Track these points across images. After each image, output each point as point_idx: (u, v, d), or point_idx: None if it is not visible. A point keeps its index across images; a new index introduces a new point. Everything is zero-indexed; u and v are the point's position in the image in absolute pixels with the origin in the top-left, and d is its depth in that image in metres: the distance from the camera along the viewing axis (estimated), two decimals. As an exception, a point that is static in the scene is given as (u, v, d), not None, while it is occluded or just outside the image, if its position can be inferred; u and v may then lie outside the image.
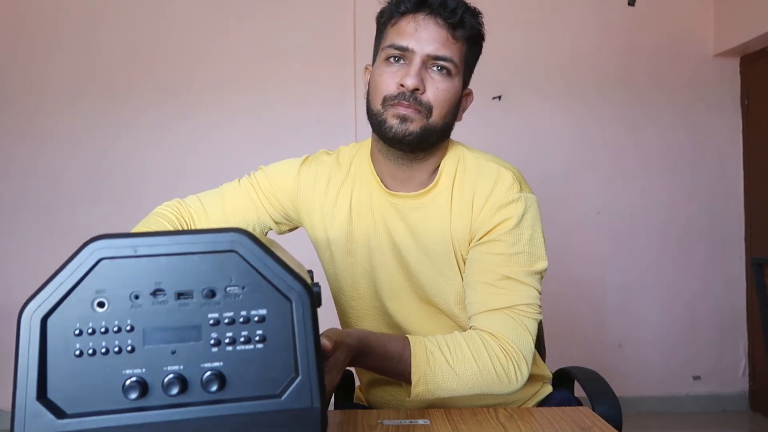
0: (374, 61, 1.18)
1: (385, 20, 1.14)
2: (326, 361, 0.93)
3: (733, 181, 3.37)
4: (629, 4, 3.29)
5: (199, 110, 3.19)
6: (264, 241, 0.59)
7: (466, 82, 1.17)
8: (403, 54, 1.09)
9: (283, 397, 0.59)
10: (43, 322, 0.58)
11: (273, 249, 0.59)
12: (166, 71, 3.20)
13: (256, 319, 0.58)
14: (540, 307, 1.10)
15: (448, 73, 1.09)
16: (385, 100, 1.09)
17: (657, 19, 3.33)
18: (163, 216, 1.20)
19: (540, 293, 1.11)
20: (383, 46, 1.13)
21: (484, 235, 1.10)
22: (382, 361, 1.01)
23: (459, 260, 1.14)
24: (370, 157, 1.21)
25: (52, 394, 0.58)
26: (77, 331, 0.58)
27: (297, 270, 0.60)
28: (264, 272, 0.58)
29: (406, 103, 1.07)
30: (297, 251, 0.98)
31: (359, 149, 1.25)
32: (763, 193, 3.24)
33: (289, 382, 0.59)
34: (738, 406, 3.30)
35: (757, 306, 2.53)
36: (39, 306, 0.58)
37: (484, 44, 1.18)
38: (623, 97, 3.32)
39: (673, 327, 3.32)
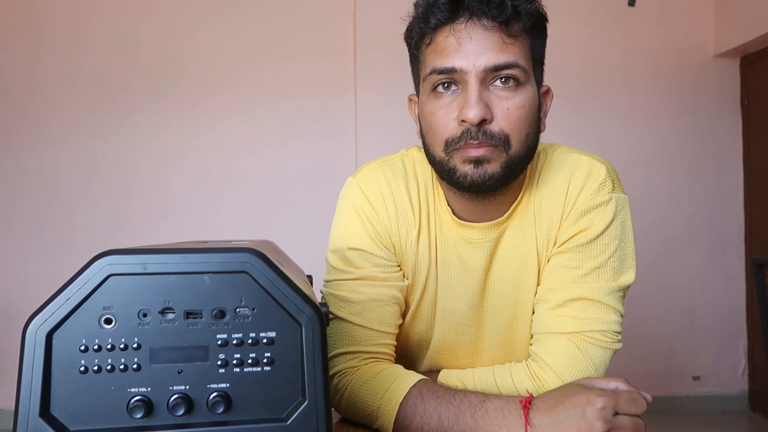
0: (418, 92, 0.94)
1: (416, 40, 0.90)
2: None
3: (733, 181, 3.37)
4: (629, 4, 3.29)
5: (197, 109, 3.18)
6: (276, 261, 0.58)
7: (539, 80, 0.93)
8: (451, 78, 0.85)
9: (288, 422, 0.58)
10: (49, 337, 0.58)
11: (284, 269, 0.59)
12: (164, 69, 3.19)
13: (264, 341, 0.58)
14: (619, 333, 0.91)
15: (517, 82, 0.85)
16: (448, 145, 0.86)
17: (657, 19, 3.33)
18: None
19: (622, 316, 0.92)
20: (424, 75, 0.89)
21: (565, 242, 0.93)
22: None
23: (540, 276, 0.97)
24: (437, 186, 0.99)
25: (55, 411, 0.58)
26: (83, 348, 0.58)
27: (304, 288, 0.59)
28: (275, 294, 0.57)
29: (475, 143, 0.83)
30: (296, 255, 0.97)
31: (430, 176, 1.00)
32: (763, 193, 3.24)
33: (296, 406, 0.59)
34: (738, 407, 3.31)
35: (757, 306, 2.53)
36: (45, 321, 0.58)
37: None
38: (623, 97, 3.32)
39: (673, 327, 3.32)
